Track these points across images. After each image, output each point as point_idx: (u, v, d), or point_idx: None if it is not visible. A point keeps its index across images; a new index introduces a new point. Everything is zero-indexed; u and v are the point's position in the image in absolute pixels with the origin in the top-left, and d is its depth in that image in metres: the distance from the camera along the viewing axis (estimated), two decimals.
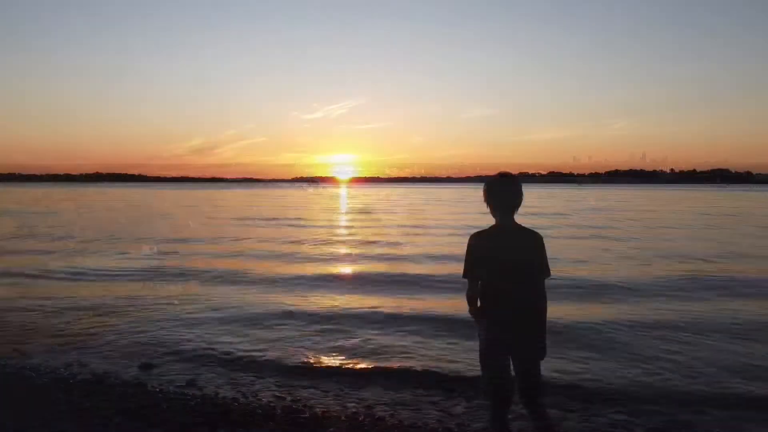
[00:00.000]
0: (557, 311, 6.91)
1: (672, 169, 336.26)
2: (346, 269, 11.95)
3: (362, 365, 5.72)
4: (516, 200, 3.16)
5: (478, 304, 3.18)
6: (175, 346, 6.31)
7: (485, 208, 3.19)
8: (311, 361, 5.85)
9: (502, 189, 3.16)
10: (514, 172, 3.24)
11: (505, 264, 3.08)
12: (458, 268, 3.23)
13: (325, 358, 5.96)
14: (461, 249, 3.23)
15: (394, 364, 5.70)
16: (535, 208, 34.52)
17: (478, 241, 3.16)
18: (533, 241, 3.12)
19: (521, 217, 3.20)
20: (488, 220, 3.21)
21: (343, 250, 15.22)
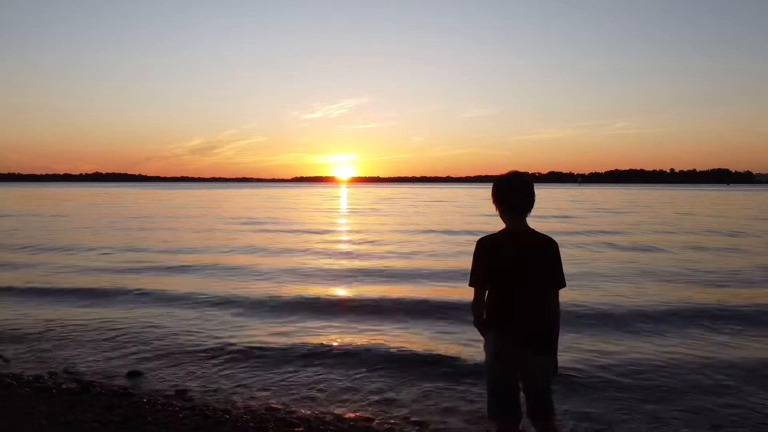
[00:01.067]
0: None
1: (672, 169, 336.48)
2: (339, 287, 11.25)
3: (359, 378, 5.45)
4: (527, 202, 2.89)
5: (485, 315, 2.92)
6: (166, 354, 6.04)
7: (490, 210, 2.93)
8: (306, 373, 5.56)
9: (513, 189, 2.88)
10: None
11: (514, 272, 2.82)
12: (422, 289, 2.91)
13: (320, 370, 5.69)
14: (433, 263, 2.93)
15: (391, 378, 5.40)
16: (542, 209, 34.19)
17: (486, 246, 2.89)
18: (546, 247, 2.86)
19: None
20: (496, 224, 2.95)
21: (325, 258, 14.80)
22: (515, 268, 2.82)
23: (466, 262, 2.92)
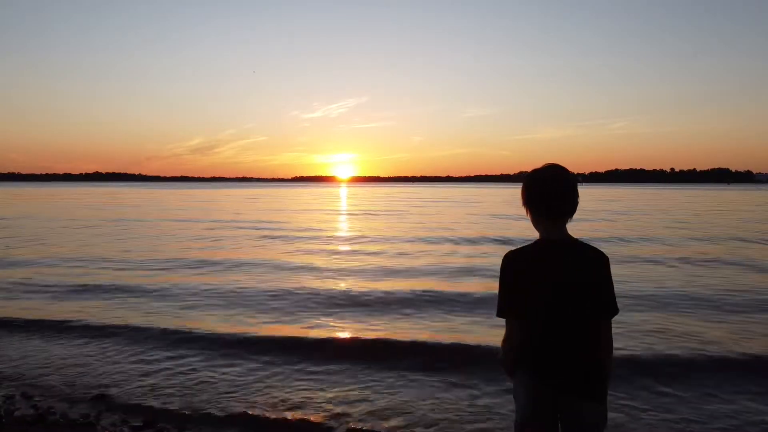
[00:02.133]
0: None
1: (672, 169, 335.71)
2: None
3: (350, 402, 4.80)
4: (565, 203, 2.21)
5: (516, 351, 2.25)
6: (139, 375, 5.37)
7: (486, 210, 2.26)
8: (293, 397, 4.91)
9: (549, 188, 2.20)
10: (514, 171, 2.34)
11: (554, 296, 2.15)
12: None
13: (306, 396, 5.04)
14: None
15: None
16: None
17: (517, 263, 2.21)
18: (594, 263, 2.18)
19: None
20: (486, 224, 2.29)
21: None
22: (550, 290, 2.15)
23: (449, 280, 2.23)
